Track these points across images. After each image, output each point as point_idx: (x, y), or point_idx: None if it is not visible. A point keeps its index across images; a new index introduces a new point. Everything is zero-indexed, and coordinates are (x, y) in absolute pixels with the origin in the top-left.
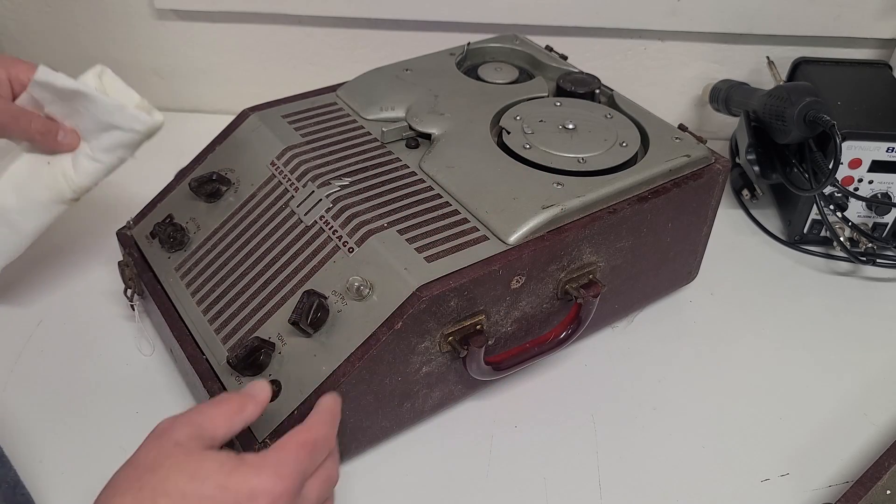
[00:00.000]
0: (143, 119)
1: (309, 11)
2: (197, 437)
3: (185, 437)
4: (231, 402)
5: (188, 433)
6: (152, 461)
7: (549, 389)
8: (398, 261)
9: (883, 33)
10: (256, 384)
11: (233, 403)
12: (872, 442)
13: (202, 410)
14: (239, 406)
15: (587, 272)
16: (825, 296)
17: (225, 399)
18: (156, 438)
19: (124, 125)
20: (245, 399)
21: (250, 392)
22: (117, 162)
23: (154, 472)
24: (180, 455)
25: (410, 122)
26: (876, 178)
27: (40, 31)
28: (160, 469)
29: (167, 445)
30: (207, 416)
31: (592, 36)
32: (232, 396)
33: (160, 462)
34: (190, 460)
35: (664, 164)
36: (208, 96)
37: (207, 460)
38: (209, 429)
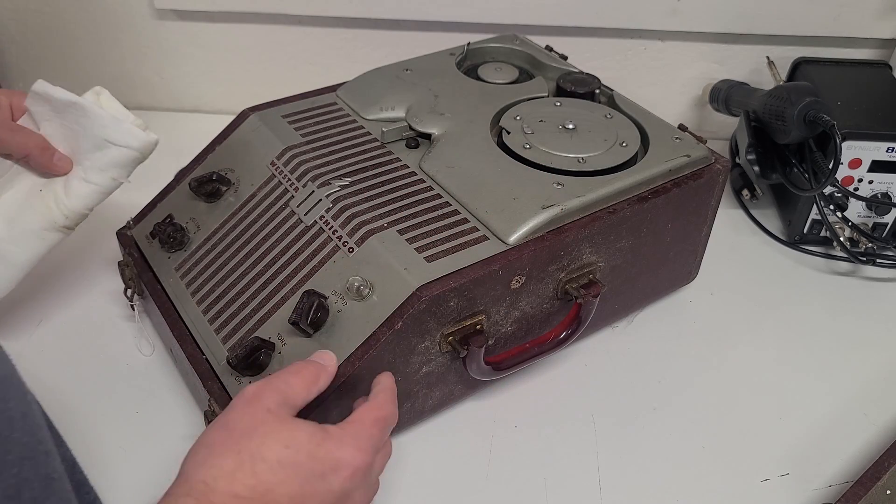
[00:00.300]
0: (138, 135)
1: (309, 11)
2: (283, 405)
3: (275, 404)
4: (308, 372)
5: (276, 400)
6: (247, 426)
7: (549, 389)
8: (398, 261)
9: (883, 33)
10: (325, 354)
11: (310, 373)
12: (872, 442)
13: (285, 379)
14: (315, 376)
15: (587, 272)
16: (825, 296)
17: (302, 368)
18: (247, 404)
19: (119, 140)
20: (319, 370)
21: (321, 362)
22: (110, 184)
23: (250, 437)
24: (273, 422)
25: (410, 122)
26: (876, 178)
27: (40, 31)
28: (255, 435)
29: (259, 412)
30: (290, 385)
31: (592, 36)
32: (308, 366)
33: (255, 427)
34: (283, 428)
35: (664, 164)
36: (208, 96)
37: (299, 430)
38: (292, 397)
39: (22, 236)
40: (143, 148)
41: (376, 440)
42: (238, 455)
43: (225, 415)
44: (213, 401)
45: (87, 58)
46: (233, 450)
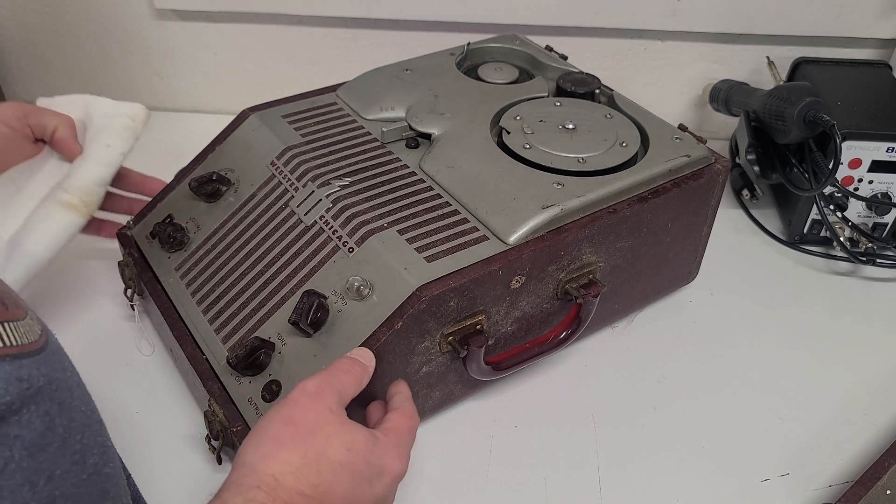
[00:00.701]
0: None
1: (309, 11)
2: (340, 404)
3: (335, 404)
4: (357, 373)
5: (336, 400)
6: (311, 424)
7: (549, 389)
8: (398, 261)
9: (883, 33)
10: (367, 353)
11: (358, 374)
12: (872, 442)
13: (338, 378)
14: (361, 377)
15: (587, 272)
16: (825, 296)
17: (351, 368)
18: (311, 401)
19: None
20: (364, 371)
21: (364, 362)
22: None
23: (315, 436)
24: (336, 423)
25: (410, 122)
26: (876, 178)
27: (40, 32)
28: (320, 434)
29: (322, 411)
30: (344, 383)
31: (592, 36)
32: (355, 366)
33: (319, 426)
34: (344, 430)
35: (664, 164)
36: (208, 96)
37: (357, 433)
38: (346, 396)
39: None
40: (132, 114)
41: (409, 447)
42: (306, 453)
43: (289, 408)
44: (213, 401)
45: (88, 58)
46: (300, 446)
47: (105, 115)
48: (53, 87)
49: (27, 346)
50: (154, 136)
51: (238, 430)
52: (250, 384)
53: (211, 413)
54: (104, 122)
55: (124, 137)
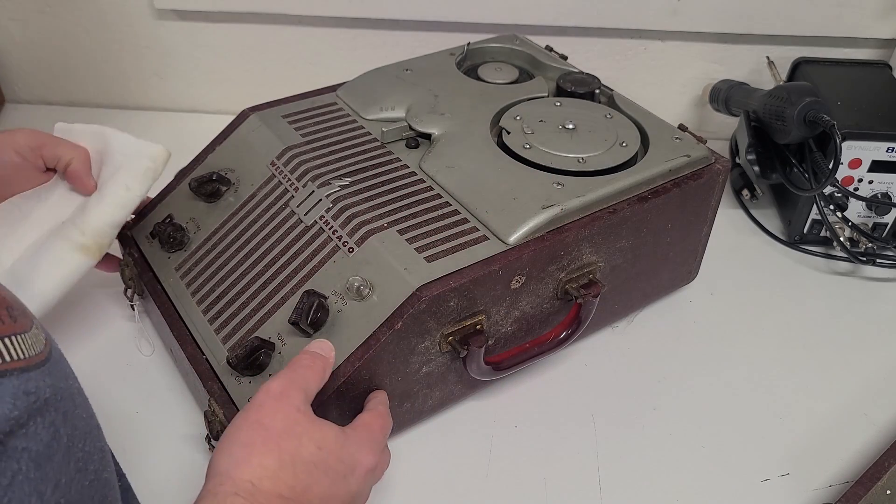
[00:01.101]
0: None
1: (309, 11)
2: (306, 401)
3: (301, 402)
4: (318, 366)
5: (302, 398)
6: (282, 425)
7: (549, 389)
8: (398, 261)
9: (883, 33)
10: (324, 343)
11: (320, 367)
12: (872, 442)
13: (301, 374)
14: (323, 370)
15: (587, 272)
16: (825, 296)
17: (312, 363)
18: (277, 402)
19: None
20: (325, 362)
21: (323, 353)
22: (124, 194)
23: (287, 437)
24: (305, 422)
25: (410, 122)
26: (876, 178)
27: (40, 32)
28: (291, 434)
29: (290, 411)
30: (307, 379)
31: (592, 36)
32: (316, 360)
33: (289, 427)
34: (313, 428)
35: (664, 164)
36: (208, 96)
37: (327, 430)
38: (311, 392)
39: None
40: (153, 156)
41: (381, 444)
42: (280, 456)
43: (257, 411)
44: (213, 401)
45: (88, 58)
46: (275, 450)
47: (125, 154)
48: (53, 87)
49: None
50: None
51: None
52: (250, 384)
53: (211, 413)
54: (123, 161)
55: (145, 180)
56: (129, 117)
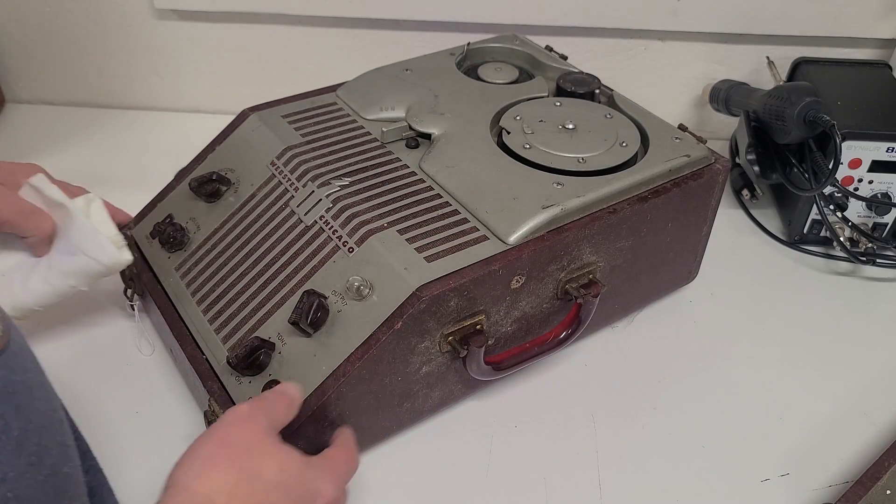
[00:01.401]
0: (111, 253)
1: (309, 11)
2: (273, 428)
3: (268, 426)
4: (286, 401)
5: (269, 423)
6: (246, 444)
7: (549, 389)
8: (398, 261)
9: (883, 33)
10: (292, 386)
11: (286, 402)
12: (872, 442)
13: (269, 404)
14: (290, 406)
15: (587, 272)
16: (825, 296)
17: (280, 397)
18: (244, 422)
19: (90, 251)
20: (292, 401)
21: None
22: (67, 290)
23: (250, 455)
24: (269, 444)
25: (410, 122)
26: (876, 178)
27: (40, 31)
28: (255, 453)
29: (257, 430)
30: (275, 409)
31: (592, 36)
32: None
33: (254, 446)
34: (278, 451)
35: (664, 164)
36: (208, 96)
37: (290, 455)
38: (277, 422)
39: None
40: (111, 264)
41: (345, 480)
42: (240, 471)
43: (223, 429)
44: (213, 401)
45: (88, 58)
46: (235, 465)
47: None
48: (53, 87)
49: None
50: (154, 136)
51: None
52: (250, 384)
53: (211, 413)
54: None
55: (90, 281)
56: (129, 117)
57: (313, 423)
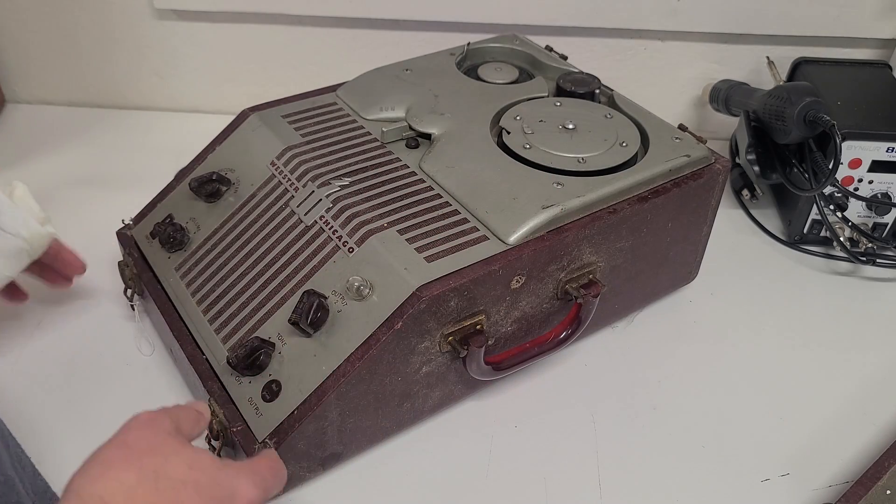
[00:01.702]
0: (31, 225)
1: (309, 11)
2: (179, 433)
3: (173, 430)
4: (192, 411)
5: (173, 428)
6: (148, 445)
7: (549, 389)
8: (398, 261)
9: (883, 33)
10: (200, 404)
11: (194, 412)
12: (872, 442)
13: (175, 412)
14: (198, 418)
15: (587, 272)
16: (825, 296)
17: (185, 407)
18: (145, 426)
19: (9, 226)
20: (200, 416)
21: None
22: None
23: (152, 454)
24: (176, 444)
25: (410, 122)
26: (876, 178)
27: (40, 31)
28: (158, 453)
29: (160, 433)
30: (181, 418)
31: (592, 36)
32: (192, 406)
33: (157, 447)
34: (185, 450)
35: (664, 164)
36: (208, 96)
37: (201, 454)
38: (185, 429)
39: None
40: (32, 239)
41: (269, 485)
42: (140, 471)
43: (123, 433)
44: (213, 401)
45: (88, 58)
46: (135, 465)
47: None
48: (53, 87)
49: None
50: (154, 136)
51: (238, 430)
52: (250, 384)
53: (211, 413)
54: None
55: (17, 262)
56: (129, 117)
57: (313, 423)
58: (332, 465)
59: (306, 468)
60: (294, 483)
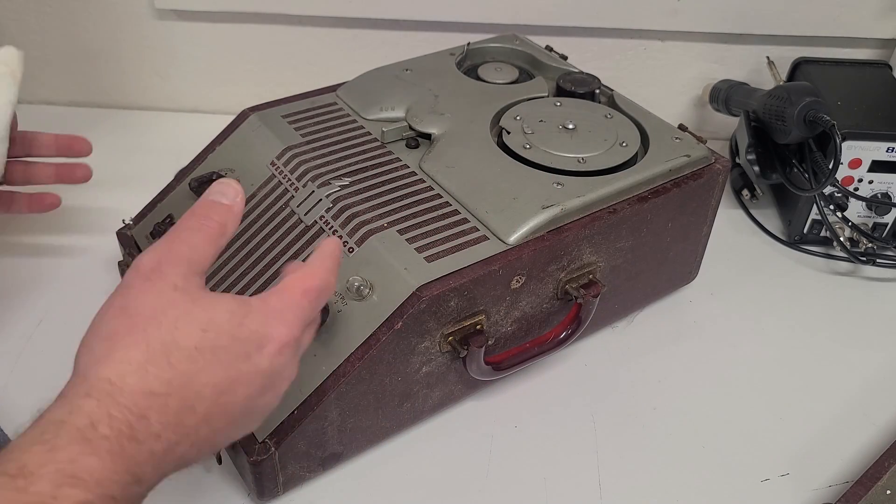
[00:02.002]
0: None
1: (309, 11)
2: (190, 275)
3: (181, 278)
4: (210, 226)
5: (182, 273)
6: (151, 310)
7: (549, 389)
8: (398, 261)
9: (883, 33)
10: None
11: (212, 227)
12: (872, 442)
13: (184, 240)
14: (221, 226)
15: (587, 272)
16: (825, 296)
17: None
18: (146, 281)
19: None
20: (225, 214)
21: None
22: None
23: (159, 323)
24: (186, 302)
25: (410, 122)
26: (876, 178)
27: (40, 31)
28: (165, 319)
29: (164, 290)
30: (192, 246)
31: (592, 36)
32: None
33: (163, 310)
34: (197, 308)
35: (664, 164)
36: (208, 96)
37: (217, 308)
38: (198, 261)
39: None
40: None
41: (306, 313)
42: (149, 347)
43: (122, 296)
44: None
45: (88, 58)
46: (141, 341)
47: None
48: (53, 87)
49: None
50: (154, 136)
51: None
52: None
53: None
54: None
55: (4, 86)
56: (129, 117)
57: (313, 423)
58: (332, 465)
59: (306, 468)
60: (294, 483)
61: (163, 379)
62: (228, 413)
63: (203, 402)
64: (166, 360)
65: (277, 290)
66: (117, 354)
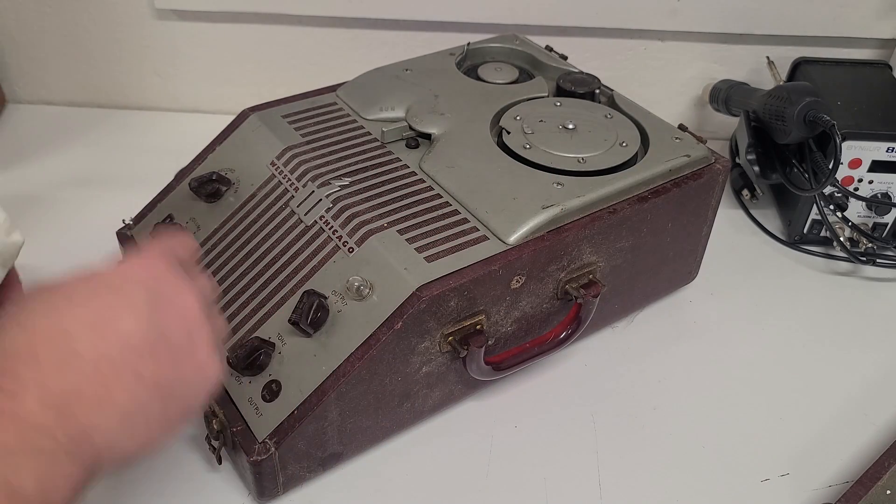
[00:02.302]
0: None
1: (309, 11)
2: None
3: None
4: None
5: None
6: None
7: (549, 389)
8: (398, 261)
9: (883, 33)
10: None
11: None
12: (872, 442)
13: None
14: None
15: (587, 272)
16: (825, 296)
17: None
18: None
19: None
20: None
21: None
22: None
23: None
24: None
25: (410, 122)
26: (876, 178)
27: (40, 31)
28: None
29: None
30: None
31: (592, 36)
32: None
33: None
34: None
35: (664, 164)
36: (208, 96)
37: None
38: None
39: None
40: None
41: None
42: None
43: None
44: (213, 401)
45: (88, 57)
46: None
47: None
48: (53, 87)
49: None
50: (154, 136)
51: (238, 430)
52: (250, 384)
53: (211, 413)
54: None
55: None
56: (129, 117)
57: (313, 423)
58: (332, 465)
59: (306, 468)
60: (294, 483)
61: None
62: None
63: None
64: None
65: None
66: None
